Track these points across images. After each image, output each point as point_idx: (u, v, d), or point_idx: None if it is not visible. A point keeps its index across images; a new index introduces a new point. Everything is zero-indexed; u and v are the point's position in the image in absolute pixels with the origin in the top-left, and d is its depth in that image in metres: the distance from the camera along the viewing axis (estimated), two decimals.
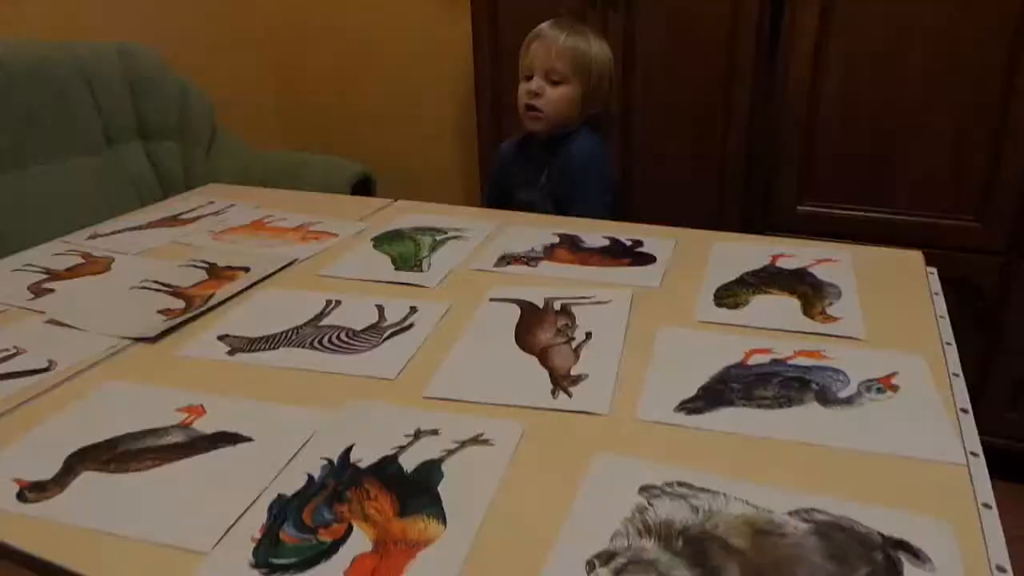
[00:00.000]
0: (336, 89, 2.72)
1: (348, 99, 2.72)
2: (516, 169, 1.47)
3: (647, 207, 2.04)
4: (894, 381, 0.70)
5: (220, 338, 0.82)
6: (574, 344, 0.79)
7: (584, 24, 1.45)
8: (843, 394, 0.68)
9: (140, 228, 1.20)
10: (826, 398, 0.67)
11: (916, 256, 0.98)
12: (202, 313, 0.88)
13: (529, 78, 1.37)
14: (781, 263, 0.97)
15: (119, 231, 1.19)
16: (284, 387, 0.73)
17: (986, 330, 1.57)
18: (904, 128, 1.53)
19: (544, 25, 1.39)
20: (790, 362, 0.74)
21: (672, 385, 0.70)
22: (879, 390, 0.68)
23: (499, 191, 1.52)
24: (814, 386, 0.69)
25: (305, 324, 0.85)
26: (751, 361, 0.74)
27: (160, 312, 0.88)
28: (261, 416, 0.68)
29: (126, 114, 2.03)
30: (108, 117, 1.98)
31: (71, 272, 1.03)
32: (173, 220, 1.24)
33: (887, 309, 0.84)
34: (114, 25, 2.15)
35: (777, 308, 0.85)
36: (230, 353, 0.79)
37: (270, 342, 0.81)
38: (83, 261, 1.07)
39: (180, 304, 0.90)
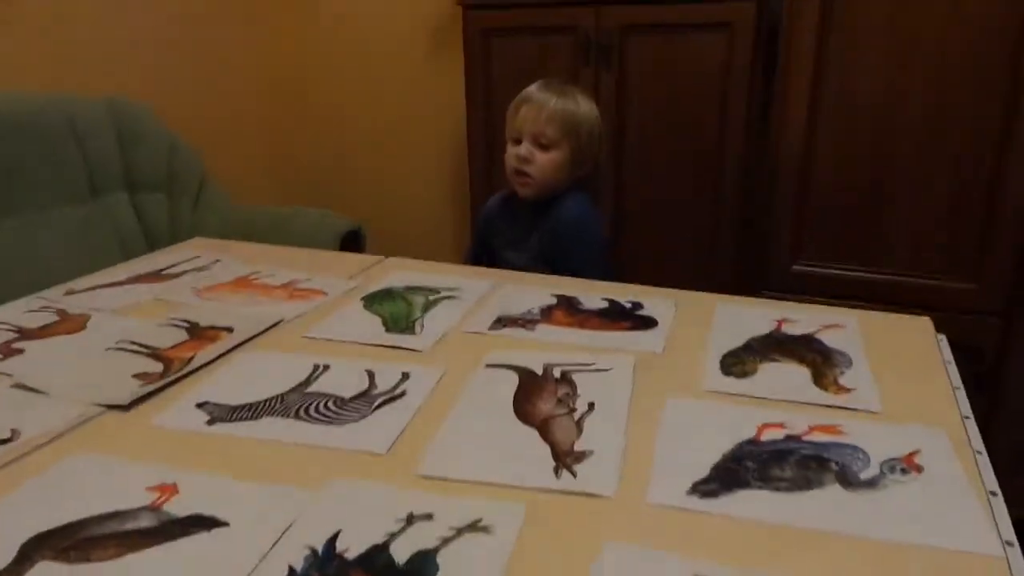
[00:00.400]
0: (326, 143, 2.72)
1: (338, 153, 2.71)
2: (503, 227, 1.44)
3: (638, 265, 2.03)
4: (917, 460, 0.66)
5: (199, 406, 0.77)
6: (576, 416, 0.74)
7: (572, 84, 1.44)
8: (865, 475, 0.64)
9: (120, 284, 1.16)
10: (847, 480, 0.63)
11: (925, 322, 0.95)
12: (181, 377, 0.83)
13: (518, 141, 1.35)
14: (787, 328, 0.94)
15: (98, 287, 1.14)
16: (266, 463, 0.68)
17: (986, 393, 1.54)
18: (899, 187, 1.53)
19: (532, 88, 1.37)
20: (806, 438, 0.70)
21: (682, 463, 0.66)
22: (903, 471, 0.64)
23: (482, 248, 1.50)
24: (833, 466, 0.65)
25: (291, 391, 0.80)
26: (765, 437, 0.70)
27: (136, 376, 0.83)
28: (239, 497, 0.62)
29: (113, 165, 2.00)
30: (94, 168, 1.95)
31: (44, 331, 0.97)
32: (155, 276, 1.19)
33: (900, 379, 0.81)
34: (106, 78, 2.14)
35: (787, 377, 0.82)
36: (209, 423, 0.74)
37: (253, 411, 0.76)
38: (58, 319, 1.02)
39: (158, 367, 0.85)
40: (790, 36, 1.54)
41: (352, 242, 2.02)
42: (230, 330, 0.96)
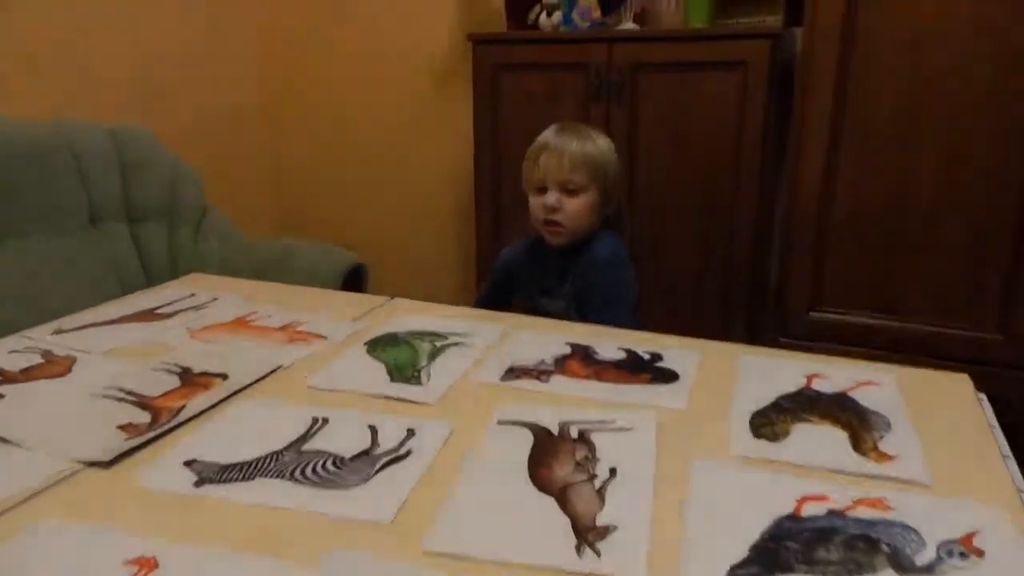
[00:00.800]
0: (331, 176, 2.69)
1: (342, 186, 2.68)
2: (535, 275, 1.38)
3: (649, 306, 1.97)
4: (976, 543, 0.60)
5: (187, 463, 0.71)
6: (597, 483, 0.68)
7: (583, 123, 1.40)
8: (920, 560, 0.57)
9: (111, 323, 1.10)
10: (901, 565, 0.57)
11: (964, 380, 0.90)
12: (169, 430, 0.77)
13: (542, 191, 1.30)
14: (818, 385, 0.88)
15: (87, 326, 1.09)
16: (257, 530, 0.62)
17: (1017, 450, 1.47)
18: (919, 233, 1.48)
19: (548, 135, 1.32)
20: (850, 514, 0.63)
21: (717, 542, 0.60)
22: (962, 555, 0.58)
23: (499, 296, 1.44)
24: (884, 548, 0.59)
25: (287, 448, 0.74)
26: (805, 512, 0.64)
27: (121, 428, 0.77)
28: (226, 572, 0.56)
29: (113, 194, 1.96)
30: (95, 197, 1.91)
31: (27, 374, 0.92)
32: (148, 314, 1.14)
33: (945, 446, 0.75)
34: (109, 106, 2.11)
35: (822, 440, 0.76)
36: (197, 484, 0.68)
37: (245, 471, 0.70)
38: (43, 361, 0.96)
39: (145, 418, 0.80)
40: (807, 79, 1.51)
41: (354, 278, 1.97)
42: (224, 377, 0.90)
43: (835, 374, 0.91)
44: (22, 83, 1.93)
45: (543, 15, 2.02)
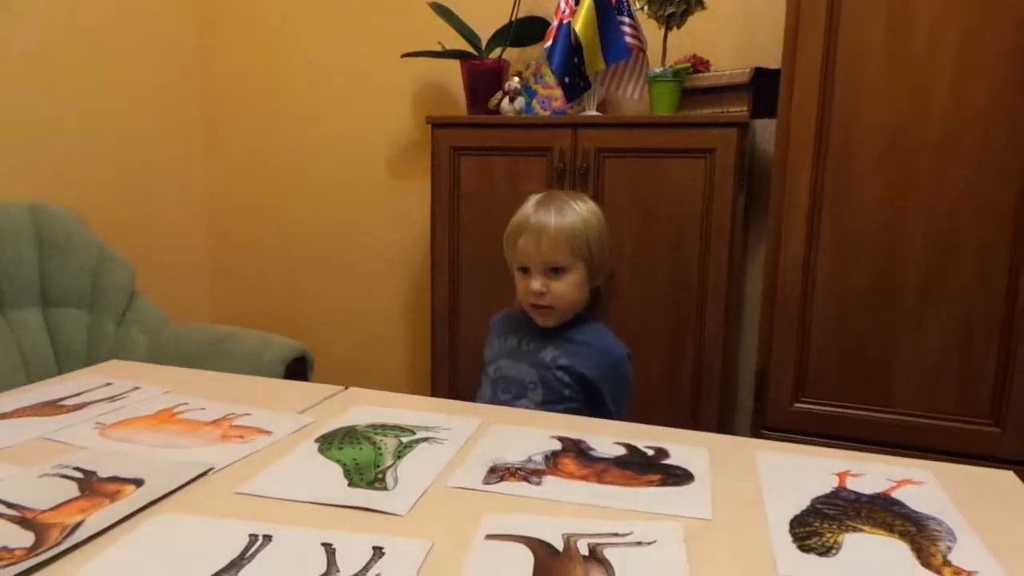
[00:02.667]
0: (276, 264, 2.53)
1: (290, 275, 2.52)
2: (507, 342, 1.25)
3: None
4: None
5: None
6: None
7: (565, 191, 1.29)
8: None
9: (3, 417, 0.91)
10: None
11: (1010, 477, 0.79)
12: (59, 555, 0.59)
13: (525, 271, 1.19)
14: (852, 484, 0.76)
15: None
16: None
17: None
18: (904, 321, 1.42)
19: (528, 210, 1.22)
20: None
21: None
22: None
23: None
24: None
25: (218, 575, 0.57)
26: None
27: None
28: None
29: (28, 276, 1.77)
30: (6, 279, 1.72)
31: None
32: (51, 406, 0.95)
33: (1021, 556, 0.63)
34: (31, 183, 1.94)
35: (882, 554, 0.63)
36: None
37: None
38: None
39: (27, 540, 0.61)
40: (784, 163, 1.47)
41: (298, 371, 1.79)
42: (138, 483, 0.72)
43: (868, 471, 0.79)
44: None
45: (505, 100, 1.98)
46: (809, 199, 1.46)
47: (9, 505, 0.67)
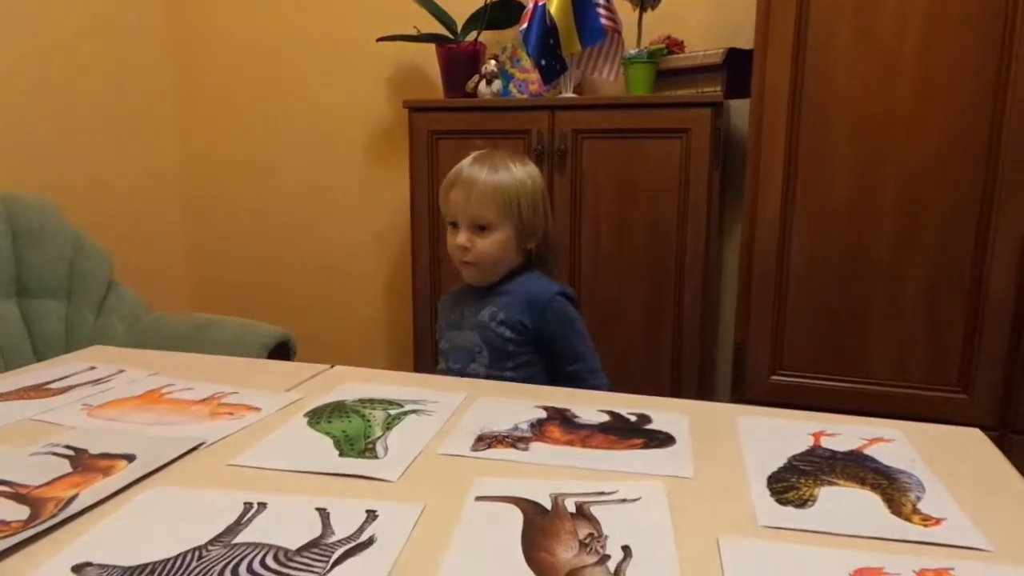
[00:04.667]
0: (255, 249, 2.52)
1: (267, 257, 2.51)
2: (449, 314, 1.28)
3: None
4: None
5: (77, 568, 0.54)
6: (611, 565, 0.55)
7: (507, 152, 1.30)
8: None
9: None
10: None
11: (977, 434, 0.83)
12: (54, 527, 0.60)
13: (456, 226, 1.21)
14: (827, 443, 0.79)
15: None
16: None
17: None
18: (876, 292, 1.46)
19: (463, 164, 1.23)
20: None
21: None
22: None
23: None
24: None
25: (213, 541, 0.58)
26: None
27: None
28: None
29: (3, 268, 1.74)
30: None
31: None
32: (36, 390, 0.95)
33: (986, 506, 0.66)
34: (7, 171, 1.92)
35: (855, 504, 0.66)
36: None
37: (158, 574, 0.54)
38: None
39: (22, 513, 0.62)
40: (759, 142, 1.50)
41: (280, 356, 1.79)
42: (130, 458, 0.73)
43: (842, 431, 0.82)
44: None
45: (482, 84, 1.99)
46: (783, 175, 1.49)
47: (2, 482, 0.67)
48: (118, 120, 2.26)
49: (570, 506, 0.64)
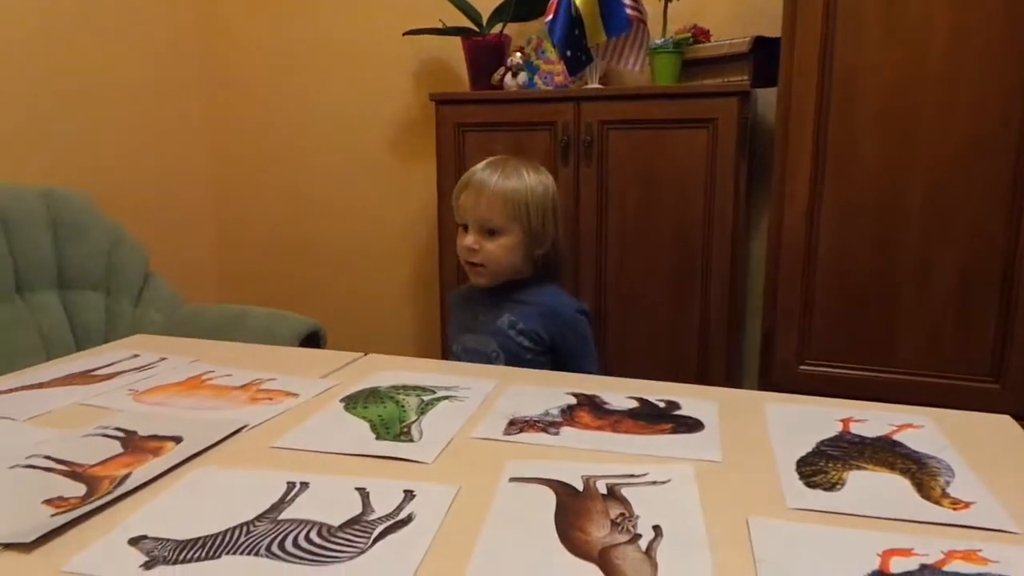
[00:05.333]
0: (285, 241, 2.57)
1: (298, 252, 2.56)
2: (465, 315, 1.30)
3: (623, 365, 1.89)
4: None
5: (133, 541, 0.57)
6: (642, 544, 0.57)
7: (523, 159, 1.32)
8: None
9: (38, 386, 0.95)
10: None
11: (1007, 421, 0.83)
12: (110, 503, 0.63)
13: (465, 228, 1.23)
14: (856, 429, 0.80)
15: (8, 391, 0.93)
16: None
17: None
18: (905, 280, 1.45)
19: (476, 168, 1.26)
20: (946, 568, 0.54)
21: None
22: None
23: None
24: None
25: (259, 518, 0.61)
26: (894, 567, 0.54)
27: (47, 502, 0.63)
28: None
29: (45, 261, 1.80)
30: (23, 263, 1.75)
31: None
32: (84, 376, 0.99)
33: (1016, 490, 0.67)
34: (45, 167, 1.97)
35: (884, 489, 0.66)
36: (147, 565, 0.54)
37: (209, 547, 0.56)
38: None
39: (79, 490, 0.65)
40: (786, 130, 1.49)
41: (311, 344, 1.83)
42: (177, 440, 0.76)
43: (870, 417, 0.83)
44: None
45: (508, 76, 2.00)
46: (811, 164, 1.48)
47: (59, 461, 0.70)
48: (152, 116, 2.31)
49: (601, 488, 0.66)
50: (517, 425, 0.81)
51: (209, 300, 2.50)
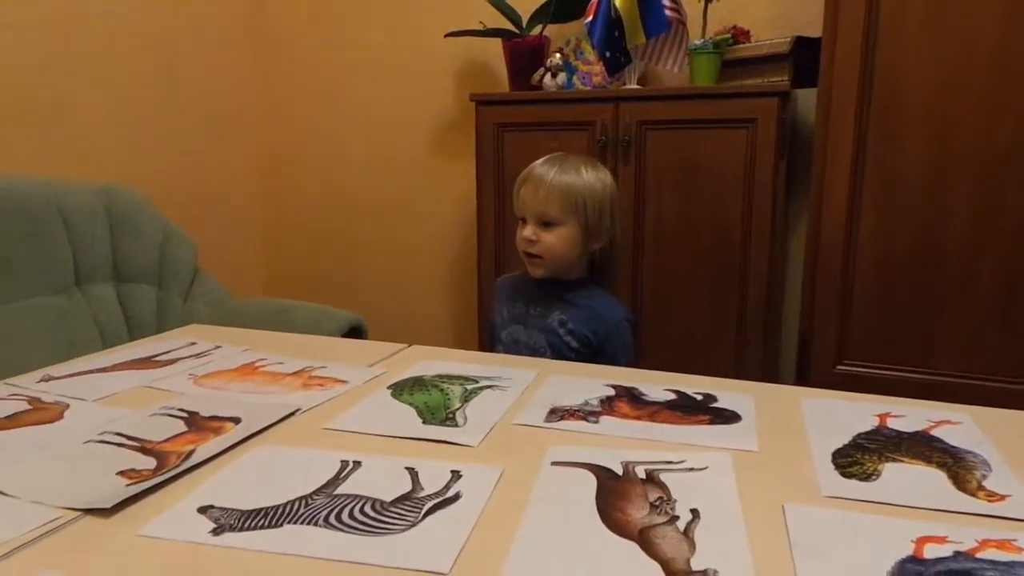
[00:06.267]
0: (327, 239, 2.63)
1: (340, 249, 2.62)
2: (515, 306, 1.33)
3: (660, 366, 1.90)
4: None
5: (202, 510, 0.61)
6: (681, 525, 0.59)
7: (579, 155, 1.35)
8: None
9: (104, 370, 1.01)
10: None
11: None
12: (178, 475, 0.68)
13: (524, 221, 1.27)
14: (893, 424, 0.81)
15: (77, 373, 0.99)
16: None
17: None
18: (948, 281, 1.44)
19: (535, 164, 1.30)
20: (979, 555, 0.55)
21: None
22: None
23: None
24: None
25: (316, 492, 0.64)
26: (927, 554, 0.55)
27: (121, 474, 0.67)
28: None
29: (101, 254, 1.88)
30: (82, 257, 1.83)
31: (12, 420, 0.81)
32: (146, 362, 1.04)
33: None
34: (100, 165, 2.06)
35: (920, 481, 0.68)
36: (215, 532, 0.58)
37: (271, 517, 0.60)
38: (29, 407, 0.86)
39: (150, 463, 0.70)
40: (826, 130, 1.49)
41: (354, 338, 1.88)
42: (236, 421, 0.80)
43: (909, 412, 0.84)
44: (14, 140, 1.87)
45: (547, 76, 2.03)
46: (851, 165, 1.48)
47: (129, 437, 0.75)
48: (202, 118, 2.39)
49: (640, 473, 0.69)
50: (558, 413, 0.84)
51: (254, 295, 2.58)
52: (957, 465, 0.71)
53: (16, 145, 1.87)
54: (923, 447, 0.75)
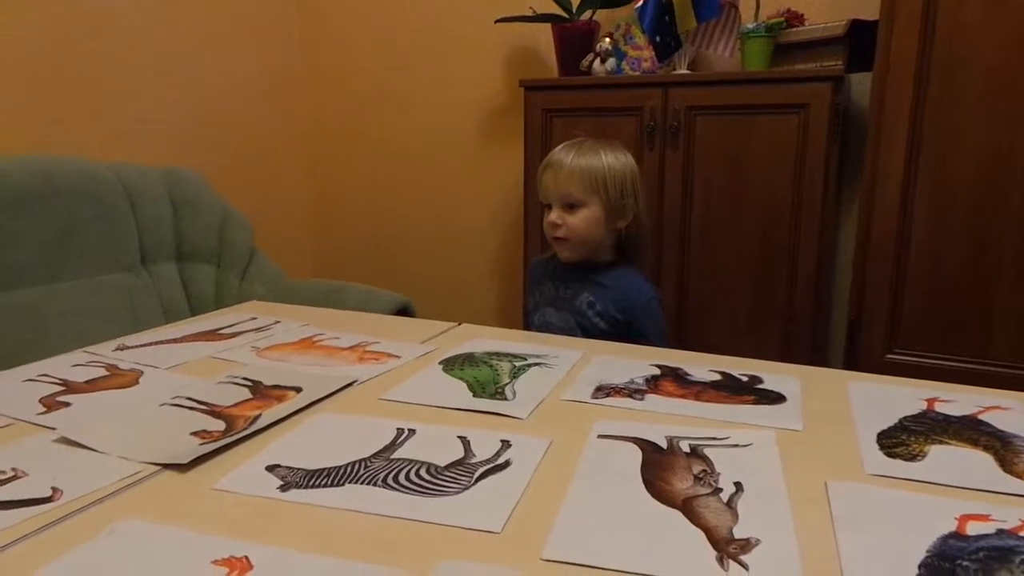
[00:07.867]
0: (377, 221, 2.69)
1: (389, 231, 2.67)
2: (547, 288, 1.36)
3: (703, 348, 1.90)
4: None
5: (269, 469, 0.66)
6: (724, 496, 0.61)
7: (600, 140, 1.36)
8: None
9: (174, 341, 1.07)
10: None
11: None
12: (246, 437, 0.72)
13: (549, 207, 1.30)
14: (941, 408, 0.81)
15: (150, 343, 1.05)
16: (354, 537, 0.55)
17: None
18: (1003, 270, 1.41)
19: (555, 150, 1.33)
20: (1023, 534, 0.56)
21: (878, 560, 0.52)
22: None
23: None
24: None
25: (374, 456, 0.68)
26: (970, 530, 0.56)
27: (194, 434, 0.72)
28: None
29: (165, 235, 1.96)
30: (147, 237, 1.91)
31: (92, 385, 0.88)
32: (211, 334, 1.10)
33: None
34: (164, 149, 2.14)
35: (965, 462, 0.68)
36: (282, 488, 0.62)
37: (333, 476, 0.64)
38: (107, 373, 0.92)
39: (219, 426, 0.74)
40: (880, 116, 1.47)
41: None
42: (298, 390, 0.85)
43: (957, 398, 0.83)
44: (85, 127, 1.96)
45: (596, 62, 2.04)
46: (905, 152, 1.46)
47: (199, 402, 0.80)
48: (255, 101, 2.46)
49: (684, 447, 0.71)
50: (604, 390, 0.86)
51: (305, 277, 2.66)
52: (1005, 448, 0.71)
53: (87, 131, 1.96)
54: (971, 431, 0.75)
